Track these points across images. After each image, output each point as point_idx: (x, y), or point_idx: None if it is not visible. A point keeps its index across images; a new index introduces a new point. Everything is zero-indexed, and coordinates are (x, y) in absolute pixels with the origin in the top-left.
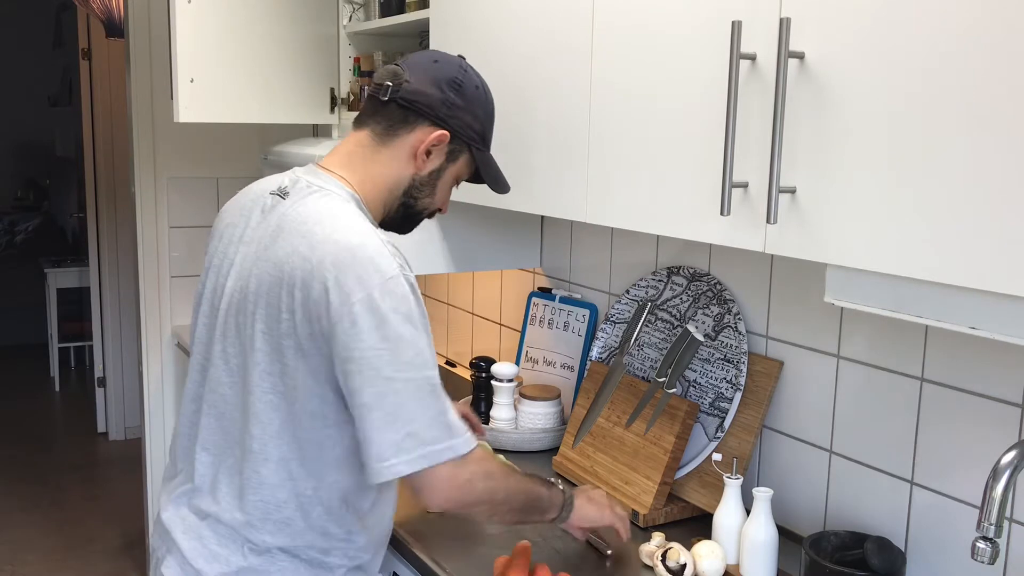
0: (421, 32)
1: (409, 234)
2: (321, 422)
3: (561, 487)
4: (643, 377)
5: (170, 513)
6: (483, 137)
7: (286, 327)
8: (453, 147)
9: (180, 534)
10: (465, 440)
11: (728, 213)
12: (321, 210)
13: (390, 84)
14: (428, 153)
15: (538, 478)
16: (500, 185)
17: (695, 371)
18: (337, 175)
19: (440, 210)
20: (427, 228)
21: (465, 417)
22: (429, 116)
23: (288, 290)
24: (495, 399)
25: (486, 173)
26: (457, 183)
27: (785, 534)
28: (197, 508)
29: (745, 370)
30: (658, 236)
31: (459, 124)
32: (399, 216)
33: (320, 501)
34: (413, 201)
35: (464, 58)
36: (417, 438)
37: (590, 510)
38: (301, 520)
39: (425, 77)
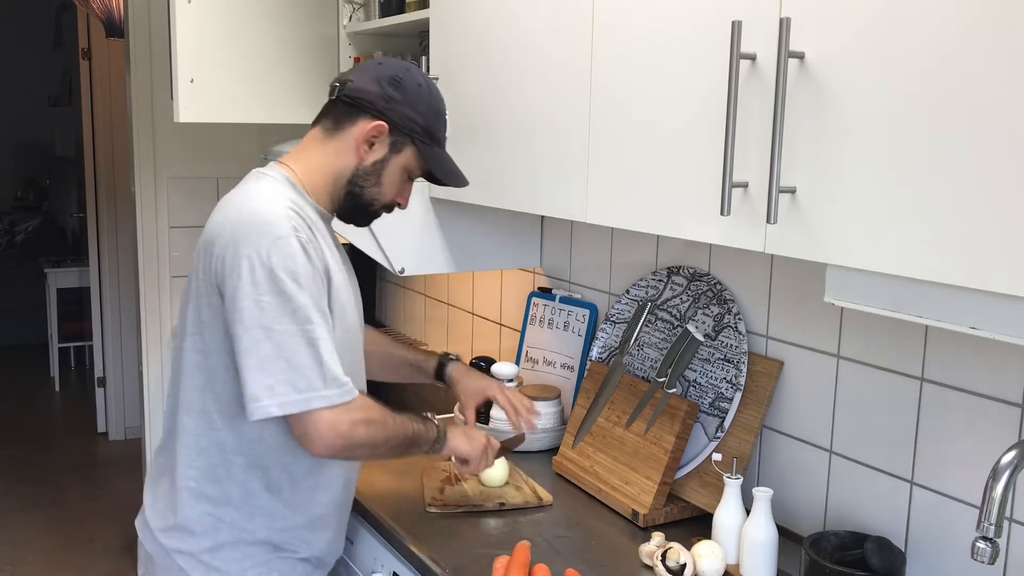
0: (421, 32)
1: (408, 234)
2: (234, 374)
3: (435, 420)
4: (643, 377)
5: (149, 470)
6: (427, 131)
7: (202, 287)
8: (395, 139)
9: (147, 491)
10: (342, 391)
11: (728, 213)
12: (249, 188)
13: (338, 85)
14: (371, 145)
15: (414, 415)
16: (453, 179)
17: (695, 371)
18: (285, 165)
19: (399, 204)
20: (427, 228)
21: (513, 407)
22: (369, 110)
23: (203, 252)
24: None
25: (435, 167)
26: (410, 178)
27: (785, 534)
28: (159, 464)
29: (745, 370)
30: (658, 236)
31: (398, 116)
32: (348, 205)
33: (241, 451)
34: (359, 190)
35: (416, 63)
36: (290, 384)
37: (461, 443)
38: (222, 468)
39: (367, 76)
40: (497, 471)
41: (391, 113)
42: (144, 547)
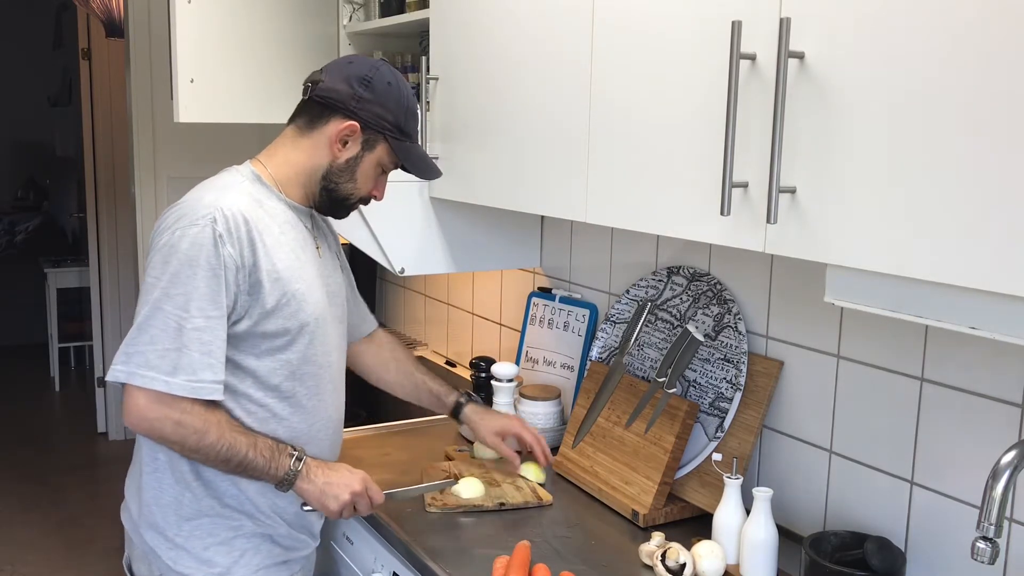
0: (421, 32)
1: (408, 234)
2: None
3: (296, 461)
4: (643, 377)
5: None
6: (398, 127)
7: None
8: (367, 137)
9: (128, 475)
10: (185, 386)
11: (728, 213)
12: (207, 181)
13: (310, 85)
14: (345, 143)
15: (272, 446)
16: (425, 172)
17: (695, 371)
18: (258, 162)
19: (375, 196)
20: (427, 228)
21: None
22: (341, 109)
23: None
24: (495, 399)
25: (407, 161)
26: (385, 172)
27: (785, 534)
28: (135, 446)
29: (745, 370)
30: (658, 236)
31: (368, 115)
32: (325, 200)
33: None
34: (334, 186)
35: (386, 61)
36: (140, 356)
37: (312, 493)
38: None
39: (338, 76)
40: (532, 473)
41: (362, 112)
42: (125, 529)
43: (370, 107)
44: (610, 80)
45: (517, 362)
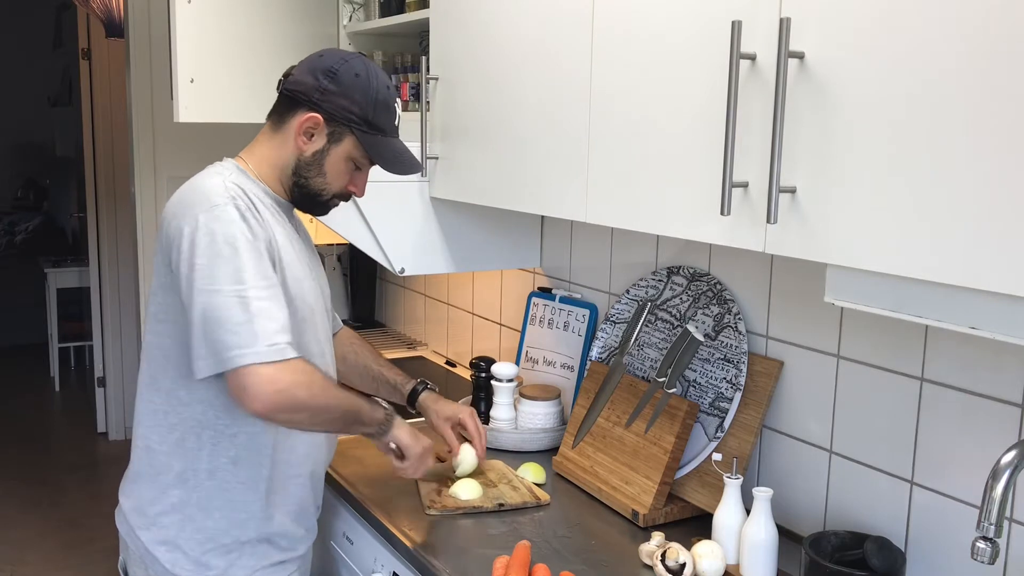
0: (421, 32)
1: (408, 234)
2: (161, 326)
3: (385, 406)
4: (643, 377)
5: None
6: (366, 120)
7: (159, 267)
8: (333, 129)
9: (123, 478)
10: (273, 349)
11: (728, 213)
12: (197, 175)
13: (282, 79)
14: (310, 136)
15: (362, 395)
16: (400, 166)
17: (695, 371)
18: (240, 158)
19: (353, 193)
20: (427, 228)
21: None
22: (305, 102)
23: (158, 235)
24: (495, 399)
25: (376, 155)
26: (360, 168)
27: (785, 534)
28: (132, 448)
29: (745, 370)
30: (658, 236)
31: (332, 107)
32: (299, 195)
33: (191, 427)
34: (304, 181)
35: (364, 55)
36: (225, 342)
37: (405, 435)
38: (177, 446)
39: (306, 69)
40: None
41: (326, 104)
42: (120, 532)
43: (334, 99)
44: (610, 80)
45: (517, 362)
